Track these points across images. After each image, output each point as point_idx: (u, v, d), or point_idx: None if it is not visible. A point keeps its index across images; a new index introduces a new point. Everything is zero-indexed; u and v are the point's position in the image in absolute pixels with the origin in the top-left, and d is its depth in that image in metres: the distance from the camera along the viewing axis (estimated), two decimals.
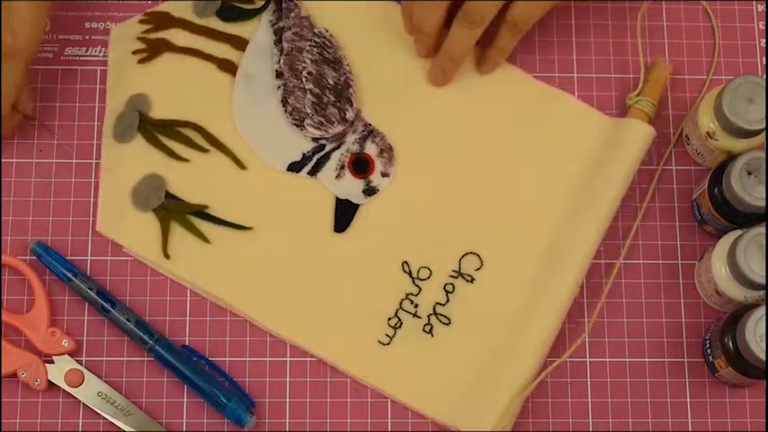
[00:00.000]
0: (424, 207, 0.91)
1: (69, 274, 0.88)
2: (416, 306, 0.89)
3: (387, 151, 0.91)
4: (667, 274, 0.91)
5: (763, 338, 0.82)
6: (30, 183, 0.91)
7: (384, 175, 0.91)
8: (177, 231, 0.90)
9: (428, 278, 0.89)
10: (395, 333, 0.88)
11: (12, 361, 0.86)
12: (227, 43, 0.93)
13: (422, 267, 0.90)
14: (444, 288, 0.89)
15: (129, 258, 0.90)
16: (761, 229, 0.85)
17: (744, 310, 0.84)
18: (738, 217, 0.87)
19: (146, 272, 0.89)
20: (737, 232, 0.86)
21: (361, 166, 0.91)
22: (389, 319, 0.89)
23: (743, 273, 0.84)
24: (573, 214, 0.89)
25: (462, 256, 0.90)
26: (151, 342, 0.87)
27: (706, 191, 0.89)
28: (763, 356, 0.82)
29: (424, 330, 0.89)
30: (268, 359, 0.88)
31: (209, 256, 0.89)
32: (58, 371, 0.87)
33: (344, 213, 0.90)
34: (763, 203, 0.85)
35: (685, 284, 0.91)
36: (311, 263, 0.89)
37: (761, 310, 0.82)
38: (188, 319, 0.89)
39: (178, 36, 0.93)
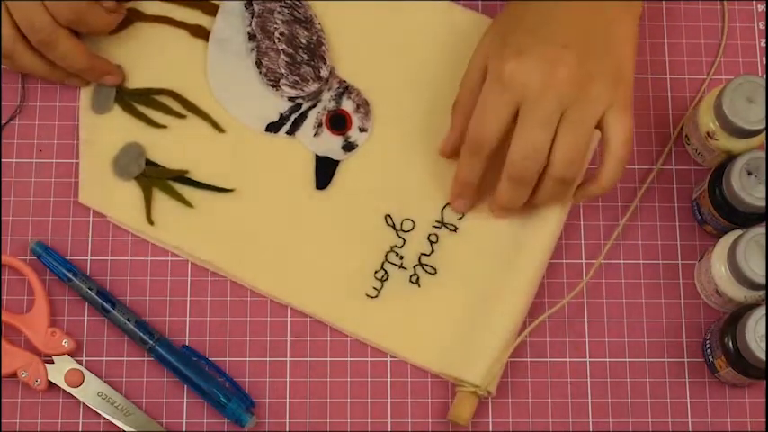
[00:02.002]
0: (404, 160, 0.92)
1: (69, 274, 0.88)
2: (402, 258, 0.90)
3: (363, 106, 0.92)
4: (667, 274, 0.91)
5: (763, 338, 0.82)
6: (30, 183, 0.91)
7: (362, 130, 0.92)
8: (160, 198, 0.90)
9: (412, 230, 0.90)
10: (382, 286, 0.89)
11: (12, 361, 0.86)
12: (198, 9, 0.94)
13: (405, 219, 0.91)
14: (428, 239, 0.90)
15: (129, 258, 0.90)
16: (761, 229, 0.85)
17: (744, 310, 0.84)
18: (738, 217, 0.87)
19: (146, 272, 0.89)
20: (737, 232, 0.86)
21: (338, 122, 0.92)
22: (376, 272, 0.90)
23: (743, 273, 0.84)
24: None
25: (444, 206, 0.91)
26: (151, 342, 0.87)
27: (706, 191, 0.89)
28: (763, 356, 0.82)
29: (410, 281, 0.90)
30: (268, 359, 0.88)
31: (192, 220, 0.90)
32: (58, 371, 0.87)
33: (325, 170, 0.91)
34: (763, 203, 0.85)
35: (685, 284, 0.91)
36: (295, 221, 0.90)
37: (761, 310, 0.83)
38: (188, 319, 0.89)
39: (148, 5, 0.94)
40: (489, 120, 0.84)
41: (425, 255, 0.90)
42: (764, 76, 0.94)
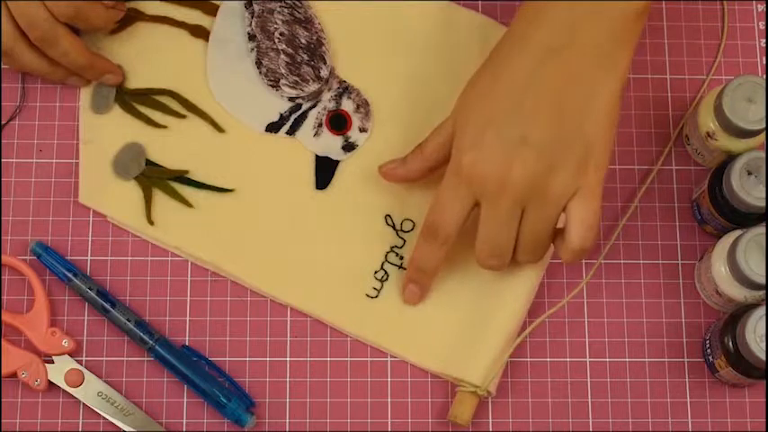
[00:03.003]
0: None
1: (69, 274, 0.88)
2: (402, 258, 0.90)
3: (363, 106, 0.92)
4: (667, 274, 0.91)
5: (763, 338, 0.82)
6: (30, 183, 0.91)
7: (362, 130, 0.92)
8: (160, 198, 0.90)
9: (412, 230, 0.91)
10: (382, 286, 0.89)
11: (12, 361, 0.86)
12: (198, 9, 0.94)
13: (405, 219, 0.91)
14: None
15: (129, 258, 0.90)
16: (761, 229, 0.85)
17: (744, 310, 0.84)
18: (738, 217, 0.87)
19: (146, 272, 0.89)
20: (737, 232, 0.86)
21: (338, 122, 0.92)
22: (376, 272, 0.90)
23: (743, 273, 0.84)
24: None
25: None
26: (151, 342, 0.87)
27: (706, 191, 0.89)
28: (763, 356, 0.82)
29: None
30: (268, 359, 0.88)
31: (192, 220, 0.90)
32: (58, 371, 0.87)
33: (325, 170, 0.92)
34: (763, 203, 0.85)
35: (685, 284, 0.91)
36: (295, 221, 0.90)
37: (761, 310, 0.83)
38: (188, 319, 0.89)
39: (148, 5, 0.94)
40: (446, 210, 0.83)
41: None
42: (764, 76, 0.94)
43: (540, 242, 0.83)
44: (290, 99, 0.92)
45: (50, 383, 0.87)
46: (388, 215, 0.91)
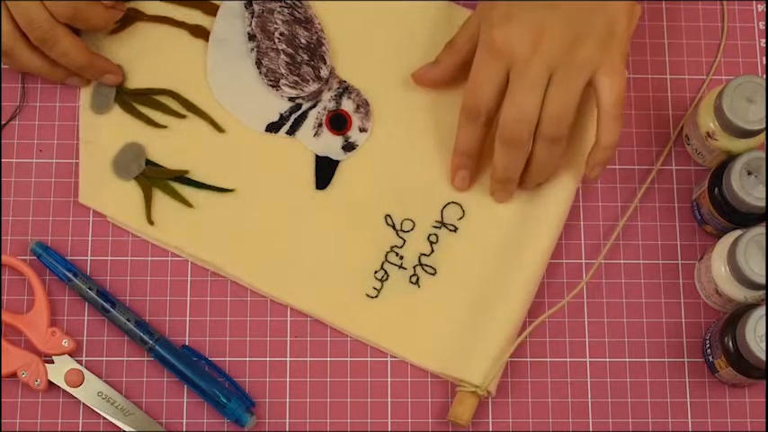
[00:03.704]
0: (404, 159, 0.92)
1: (69, 274, 0.88)
2: (402, 258, 0.90)
3: (363, 106, 0.92)
4: (667, 274, 0.91)
5: (763, 338, 0.82)
6: (30, 183, 0.91)
7: (362, 130, 0.92)
8: (160, 198, 0.91)
9: (412, 230, 0.91)
10: (382, 286, 0.89)
11: (12, 361, 0.86)
12: (198, 9, 0.94)
13: (405, 219, 0.91)
14: (428, 239, 0.90)
15: (129, 258, 0.90)
16: (761, 229, 0.85)
17: (744, 310, 0.84)
18: (738, 217, 0.87)
19: (146, 272, 0.90)
20: (737, 232, 0.86)
21: (338, 122, 0.92)
22: (376, 272, 0.90)
23: (743, 273, 0.84)
24: None
25: (444, 206, 0.91)
26: (151, 342, 0.87)
27: (706, 191, 0.89)
28: (763, 356, 0.82)
29: (410, 281, 0.90)
30: (268, 359, 0.88)
31: (193, 220, 0.90)
32: (58, 371, 0.87)
33: (325, 170, 0.92)
34: (763, 203, 0.85)
35: (685, 284, 0.91)
36: (295, 221, 0.90)
37: (761, 310, 0.83)
38: (188, 319, 0.89)
39: (148, 5, 0.94)
40: (482, 87, 0.85)
41: (425, 255, 0.90)
42: (764, 76, 0.94)
43: (565, 112, 0.85)
44: (290, 99, 0.92)
45: (50, 383, 0.87)
46: (388, 215, 0.91)
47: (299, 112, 0.92)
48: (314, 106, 0.93)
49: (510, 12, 0.84)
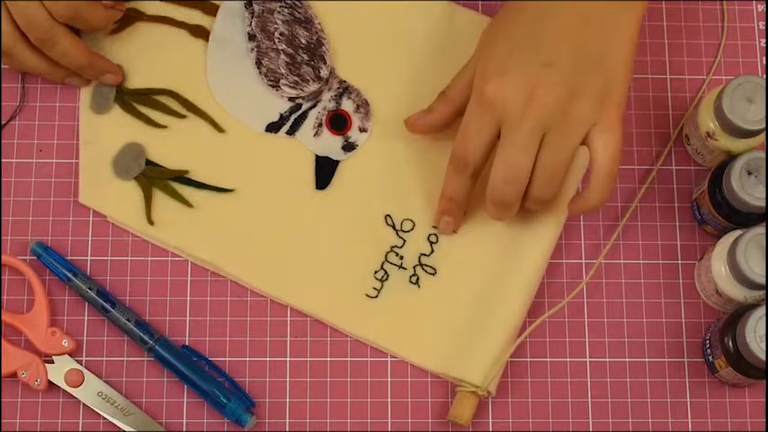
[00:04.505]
0: (404, 159, 0.92)
1: (69, 274, 0.88)
2: (402, 258, 0.90)
3: (363, 106, 0.92)
4: (667, 274, 0.91)
5: (763, 338, 0.82)
6: (30, 183, 0.91)
7: (362, 130, 0.92)
8: (160, 198, 0.90)
9: (411, 230, 0.90)
10: (382, 286, 0.89)
11: (12, 361, 0.86)
12: (198, 9, 0.94)
13: (405, 219, 0.91)
14: (428, 239, 0.90)
15: (129, 258, 0.90)
16: (761, 229, 0.85)
17: (744, 310, 0.84)
18: (738, 217, 0.87)
19: (146, 272, 0.90)
20: (737, 232, 0.86)
21: (338, 122, 0.92)
22: (376, 272, 0.90)
23: (743, 273, 0.84)
24: None
25: None
26: (151, 342, 0.87)
27: (706, 191, 0.89)
28: (763, 356, 0.82)
29: (410, 282, 0.90)
30: (268, 359, 0.88)
31: (193, 220, 0.90)
32: (58, 371, 0.87)
33: (325, 170, 0.92)
34: (763, 203, 0.85)
35: (685, 284, 0.91)
36: (295, 221, 0.90)
37: (761, 310, 0.83)
38: (188, 319, 0.89)
39: (148, 5, 0.94)
40: (471, 139, 0.84)
41: (425, 255, 0.90)
42: (764, 76, 0.94)
43: (557, 173, 0.83)
44: (290, 99, 0.92)
45: (50, 383, 0.87)
46: (388, 215, 0.91)
47: (299, 112, 0.92)
48: (314, 106, 0.93)
49: (505, 65, 0.82)
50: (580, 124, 0.82)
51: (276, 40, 0.92)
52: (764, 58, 0.95)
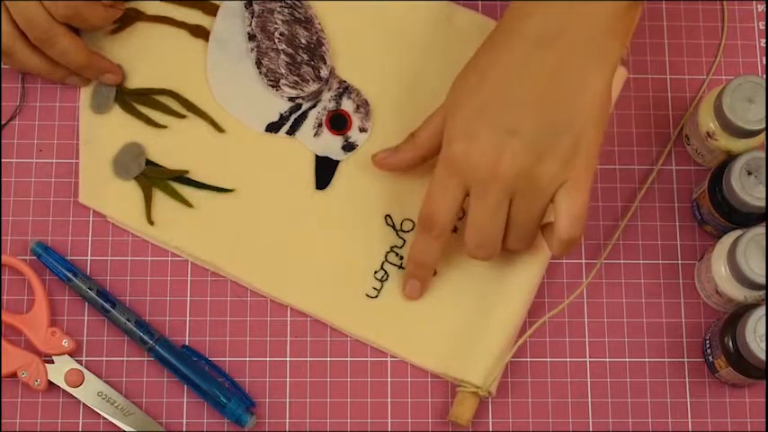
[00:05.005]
0: None
1: (69, 274, 0.88)
2: (402, 258, 0.90)
3: (363, 106, 0.92)
4: (667, 274, 0.91)
5: (763, 338, 0.82)
6: (30, 183, 0.91)
7: (362, 130, 0.92)
8: (160, 198, 0.90)
9: (412, 230, 0.91)
10: (382, 286, 0.89)
11: (12, 361, 0.86)
12: (198, 9, 0.94)
13: (405, 219, 0.91)
14: None
15: (129, 258, 0.90)
16: (761, 229, 0.85)
17: (744, 310, 0.84)
18: (738, 217, 0.87)
19: (146, 272, 0.89)
20: (737, 232, 0.86)
21: (338, 122, 0.92)
22: (376, 272, 0.90)
23: (743, 273, 0.84)
24: None
25: None
26: (151, 342, 0.87)
27: (706, 191, 0.89)
28: (763, 356, 0.82)
29: None
30: (268, 359, 0.88)
31: (193, 220, 0.90)
32: (58, 371, 0.87)
33: (325, 170, 0.92)
34: (763, 203, 0.85)
35: (685, 284, 0.91)
36: (295, 221, 0.90)
37: (761, 310, 0.83)
38: (188, 319, 0.89)
39: (148, 5, 0.94)
40: (439, 200, 0.84)
41: None
42: (764, 76, 0.94)
43: (529, 232, 0.84)
44: (290, 99, 0.92)
45: (50, 383, 0.87)
46: (388, 215, 0.91)
47: (299, 112, 0.92)
48: (314, 106, 0.93)
49: (472, 128, 0.81)
50: (547, 187, 0.81)
51: (276, 40, 0.92)
52: (764, 58, 0.95)
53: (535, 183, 0.81)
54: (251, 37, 0.93)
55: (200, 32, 0.94)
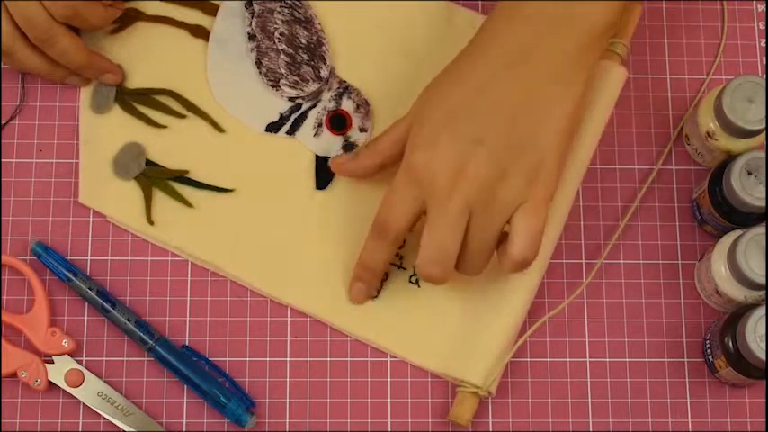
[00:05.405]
0: None
1: (69, 274, 0.88)
2: (401, 258, 0.90)
3: (363, 106, 0.92)
4: (667, 274, 0.91)
5: (763, 338, 0.82)
6: (30, 183, 0.91)
7: (362, 130, 0.92)
8: (160, 198, 0.90)
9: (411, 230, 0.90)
10: (382, 286, 0.89)
11: (12, 361, 0.86)
12: (198, 9, 0.94)
13: None
14: None
15: (129, 258, 0.90)
16: (761, 229, 0.85)
17: (744, 310, 0.84)
18: (738, 217, 0.87)
19: (146, 272, 0.90)
20: (737, 232, 0.86)
21: (338, 122, 0.92)
22: None
23: (743, 273, 0.84)
24: None
25: None
26: (151, 342, 0.87)
27: (706, 191, 0.89)
28: (763, 356, 0.82)
29: (410, 281, 0.90)
30: (268, 359, 0.88)
31: (193, 220, 0.90)
32: (58, 371, 0.87)
33: (325, 170, 0.91)
34: (763, 203, 0.85)
35: (685, 284, 0.91)
36: (295, 221, 0.90)
37: (761, 310, 0.83)
38: (188, 319, 0.89)
39: (148, 5, 0.94)
40: (396, 210, 0.83)
41: None
42: (764, 76, 0.94)
43: (484, 251, 0.82)
44: (290, 99, 0.93)
45: (50, 383, 0.87)
46: None
47: (299, 112, 0.92)
48: (314, 106, 0.93)
49: (436, 138, 0.81)
50: (506, 206, 0.81)
51: (276, 40, 0.92)
52: (764, 58, 0.95)
53: (495, 199, 0.80)
54: (251, 37, 0.93)
55: (200, 32, 0.94)
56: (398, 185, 0.83)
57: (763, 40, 0.96)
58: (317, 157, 0.92)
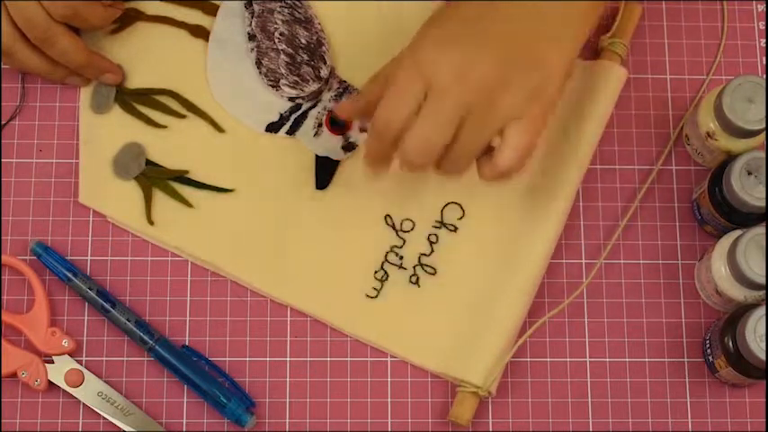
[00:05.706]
0: None
1: (69, 274, 0.88)
2: (401, 258, 0.90)
3: None
4: (667, 274, 0.91)
5: (763, 338, 0.82)
6: (30, 183, 0.91)
7: (362, 130, 0.92)
8: (160, 198, 0.91)
9: (411, 230, 0.91)
10: (382, 286, 0.90)
11: (12, 361, 0.86)
12: (198, 9, 0.94)
13: (405, 219, 0.91)
14: (428, 239, 0.90)
15: (129, 258, 0.90)
16: (761, 229, 0.85)
17: (744, 310, 0.84)
18: (738, 217, 0.87)
19: (146, 272, 0.89)
20: (737, 232, 0.86)
21: (338, 122, 0.92)
22: (376, 272, 0.90)
23: (743, 273, 0.84)
24: (551, 159, 0.90)
25: (444, 206, 0.91)
26: (151, 342, 0.87)
27: (706, 191, 0.89)
28: (763, 356, 0.82)
29: (410, 281, 0.90)
30: (268, 359, 0.88)
31: (193, 220, 0.90)
32: (58, 371, 0.87)
33: (325, 170, 0.91)
34: (763, 203, 0.85)
35: (685, 284, 0.91)
36: (295, 221, 0.90)
37: (761, 310, 0.83)
38: (188, 319, 0.89)
39: (148, 5, 0.94)
40: (396, 105, 0.81)
41: (425, 255, 0.90)
42: (764, 76, 0.94)
43: (469, 153, 0.82)
44: (290, 99, 0.93)
45: (50, 383, 0.87)
46: (388, 215, 0.91)
47: (299, 112, 0.92)
48: (314, 106, 0.93)
49: (442, 40, 0.81)
50: (502, 115, 0.80)
51: (276, 40, 0.92)
52: (764, 58, 0.95)
53: (493, 106, 0.80)
54: (251, 37, 0.93)
55: (200, 32, 0.94)
56: (401, 80, 0.81)
57: (763, 40, 0.96)
58: (317, 157, 0.92)
